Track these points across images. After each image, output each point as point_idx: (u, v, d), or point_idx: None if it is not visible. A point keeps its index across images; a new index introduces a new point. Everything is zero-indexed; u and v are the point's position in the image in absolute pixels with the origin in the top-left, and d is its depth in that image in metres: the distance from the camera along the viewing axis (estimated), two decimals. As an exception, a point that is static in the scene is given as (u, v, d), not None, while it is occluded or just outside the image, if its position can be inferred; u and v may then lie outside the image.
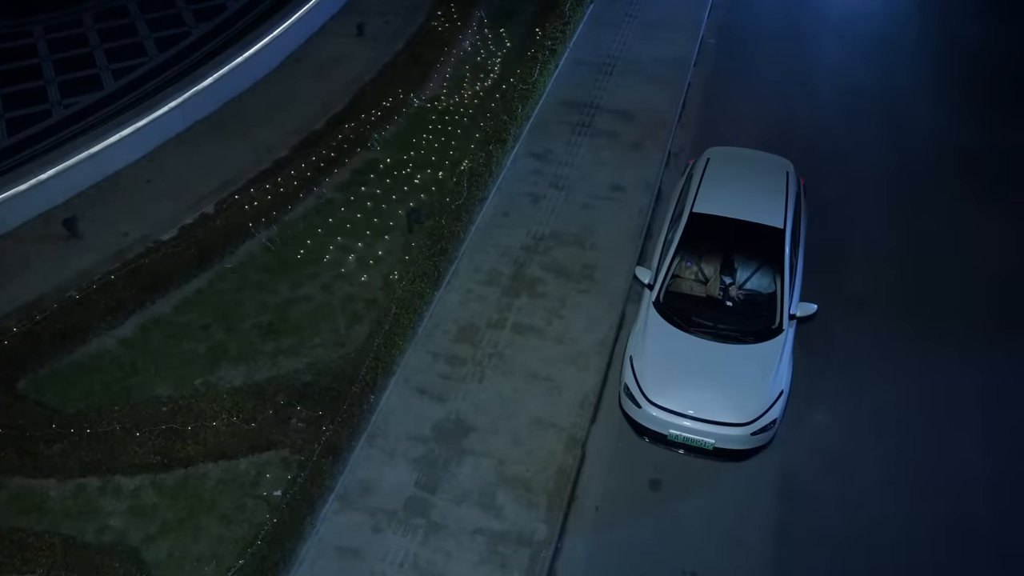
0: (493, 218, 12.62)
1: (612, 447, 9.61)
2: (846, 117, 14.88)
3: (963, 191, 13.19)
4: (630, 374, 9.50)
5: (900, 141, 14.33)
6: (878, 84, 15.83)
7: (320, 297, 11.01)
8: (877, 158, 13.89)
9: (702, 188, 10.83)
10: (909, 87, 15.76)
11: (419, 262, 10.96)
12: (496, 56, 16.02)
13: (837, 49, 16.93)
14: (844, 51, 16.88)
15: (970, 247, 12.19)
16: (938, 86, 15.79)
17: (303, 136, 12.98)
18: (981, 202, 12.96)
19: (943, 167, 13.72)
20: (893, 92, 15.61)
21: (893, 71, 16.24)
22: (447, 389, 10.09)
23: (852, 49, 16.96)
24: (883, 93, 15.54)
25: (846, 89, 15.65)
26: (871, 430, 9.78)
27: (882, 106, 15.19)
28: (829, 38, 17.31)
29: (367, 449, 9.50)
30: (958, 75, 16.11)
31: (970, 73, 16.18)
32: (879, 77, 16.01)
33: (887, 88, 15.69)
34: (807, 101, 15.25)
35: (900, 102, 15.38)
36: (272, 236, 11.78)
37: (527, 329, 10.83)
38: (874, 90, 15.66)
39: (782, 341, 9.55)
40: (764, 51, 16.76)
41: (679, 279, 10.50)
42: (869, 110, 15.10)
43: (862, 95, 15.50)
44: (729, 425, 9.02)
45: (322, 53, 15.58)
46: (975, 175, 13.54)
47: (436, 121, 14.21)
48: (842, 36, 17.41)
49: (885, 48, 16.99)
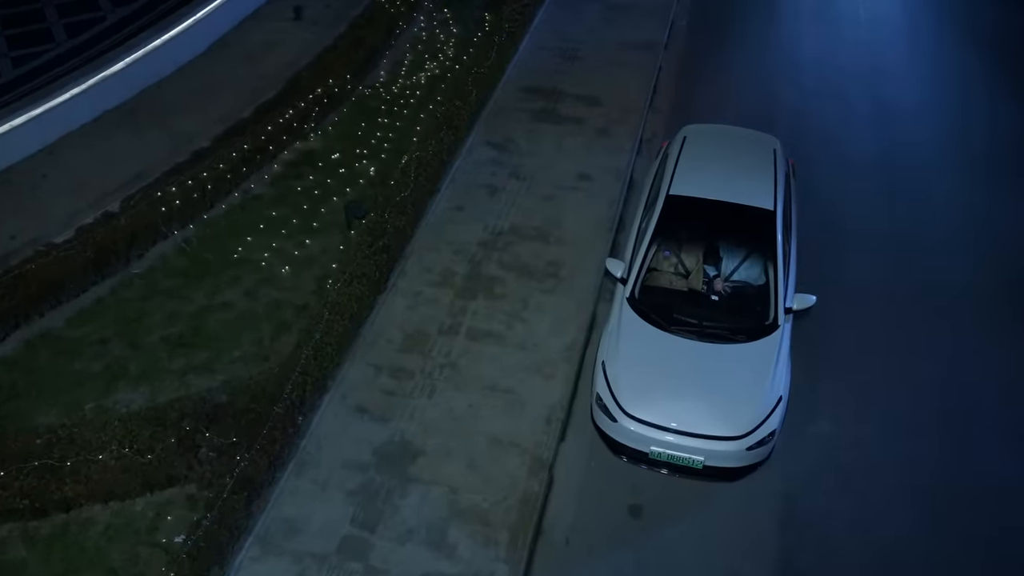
0: (446, 212, 11.25)
1: (584, 469, 8.23)
2: (831, 99, 13.79)
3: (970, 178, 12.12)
4: (603, 382, 8.11)
5: (891, 122, 13.24)
6: (863, 64, 14.78)
7: (242, 304, 9.50)
8: (867, 143, 12.76)
9: (679, 168, 9.53)
10: (896, 69, 14.74)
11: (357, 261, 9.54)
12: (449, 41, 14.68)
13: (817, 28, 15.89)
14: (824, 31, 15.83)
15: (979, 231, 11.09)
16: (932, 54, 14.79)
17: (228, 125, 11.50)
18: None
19: (941, 155, 12.64)
20: (880, 74, 14.56)
21: (879, 52, 15.21)
22: (391, 407, 8.65)
23: (833, 29, 15.92)
24: (869, 75, 14.46)
25: (829, 70, 14.56)
26: (882, 437, 8.50)
27: (868, 87, 14.11)
28: (807, 16, 16.29)
29: (294, 480, 8.02)
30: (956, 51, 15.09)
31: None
32: (864, 59, 14.95)
33: (873, 70, 14.61)
34: (788, 83, 14.15)
35: (886, 80, 14.35)
36: (188, 236, 10.25)
37: (484, 335, 9.45)
38: (859, 71, 14.59)
39: (778, 339, 8.22)
40: (739, 33, 15.71)
41: (656, 272, 9.18)
42: (855, 92, 14.00)
43: (846, 76, 14.42)
44: (720, 439, 7.65)
45: (254, 38, 14.11)
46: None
47: (381, 109, 12.82)
48: (821, 15, 16.39)
49: (869, 27, 15.99)
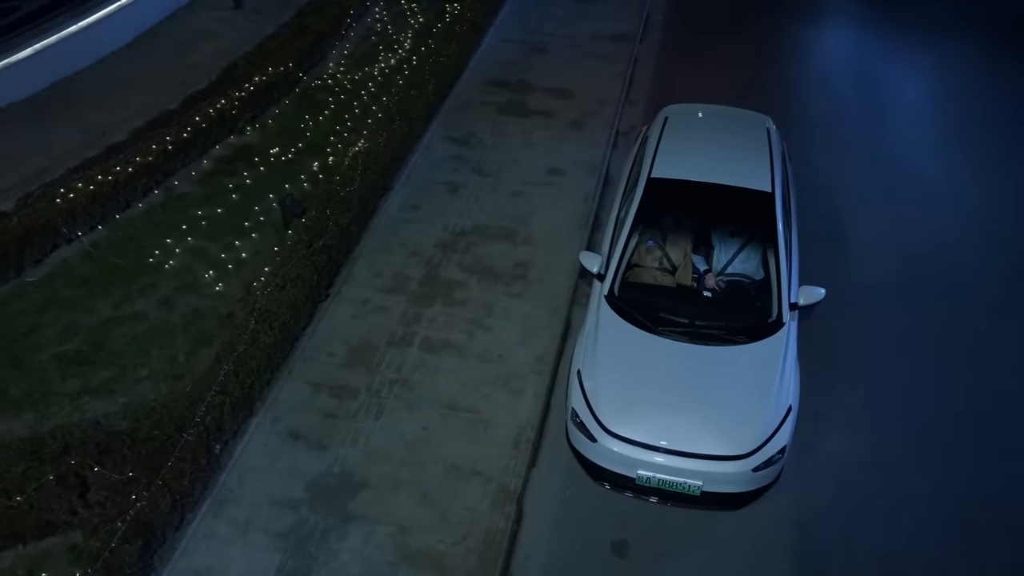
0: (400, 212, 9.97)
1: (559, 499, 6.89)
2: (819, 87, 12.74)
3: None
4: (579, 396, 6.80)
5: (887, 109, 12.19)
6: (846, 48, 13.78)
7: (155, 315, 8.11)
8: (861, 134, 11.66)
9: (661, 150, 8.32)
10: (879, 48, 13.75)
11: (293, 262, 8.21)
12: (406, 32, 13.49)
13: (797, 22, 14.88)
14: (805, 22, 14.87)
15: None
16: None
17: (150, 118, 10.14)
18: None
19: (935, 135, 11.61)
20: (867, 60, 13.55)
21: (865, 43, 14.23)
22: (331, 432, 7.29)
23: (815, 19, 14.96)
24: (857, 64, 13.46)
25: (817, 57, 13.58)
26: (904, 453, 7.25)
27: (860, 77, 13.07)
28: (787, 8, 15.31)
29: (210, 522, 6.61)
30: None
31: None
32: (847, 43, 13.93)
33: (860, 60, 13.62)
34: (772, 74, 13.08)
35: (872, 61, 13.36)
36: (96, 239, 8.86)
37: (442, 346, 8.13)
38: (848, 58, 13.62)
39: (783, 339, 6.96)
40: (717, 25, 14.65)
41: (639, 268, 7.93)
42: (847, 80, 12.99)
43: (836, 65, 13.40)
44: (721, 459, 6.35)
45: (188, 28, 12.83)
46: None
47: (329, 101, 11.54)
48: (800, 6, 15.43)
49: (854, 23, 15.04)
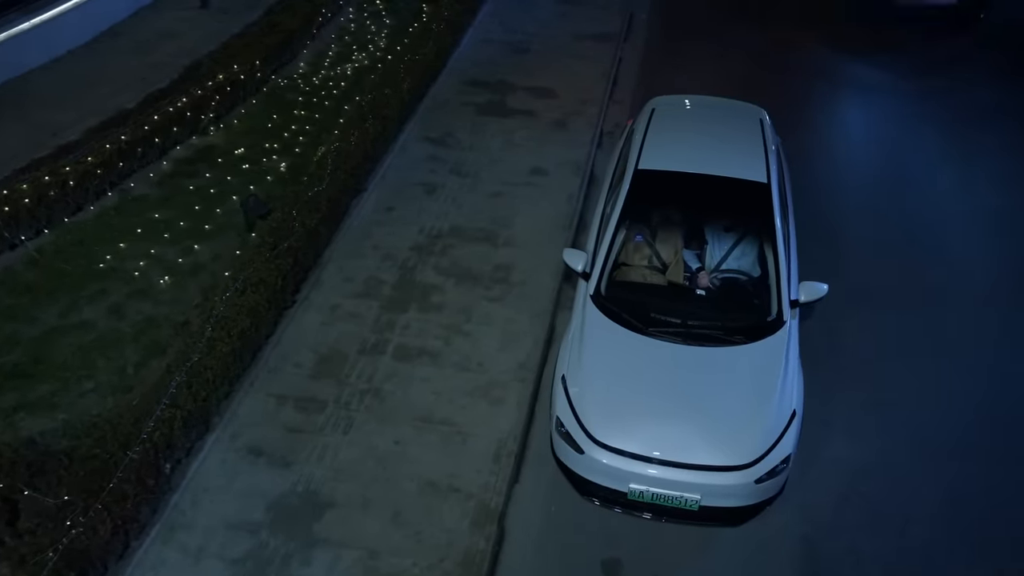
0: (373, 214, 9.41)
1: (544, 517, 6.31)
2: (809, 82, 12.35)
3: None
4: (564, 403, 6.23)
5: (880, 108, 11.81)
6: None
7: (105, 324, 7.47)
8: (855, 130, 11.27)
9: (648, 141, 7.81)
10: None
11: (255, 266, 7.62)
12: (381, 31, 13.00)
13: (781, 20, 14.54)
14: (790, 21, 14.48)
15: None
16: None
17: (105, 117, 9.53)
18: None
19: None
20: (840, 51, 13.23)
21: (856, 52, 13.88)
22: (295, 448, 6.68)
23: (797, 22, 14.56)
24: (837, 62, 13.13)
25: (806, 64, 13.16)
26: (914, 460, 6.73)
27: (851, 75, 12.72)
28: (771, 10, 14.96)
29: (158, 549, 5.97)
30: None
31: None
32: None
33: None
34: (759, 72, 12.65)
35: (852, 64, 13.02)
36: (42, 244, 8.23)
37: (417, 354, 7.55)
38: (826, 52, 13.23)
39: (784, 338, 6.43)
40: (704, 25, 14.28)
41: (627, 267, 7.39)
42: (837, 74, 12.63)
43: (819, 61, 13.02)
44: (720, 470, 5.79)
45: (151, 27, 12.26)
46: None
47: (299, 100, 11.00)
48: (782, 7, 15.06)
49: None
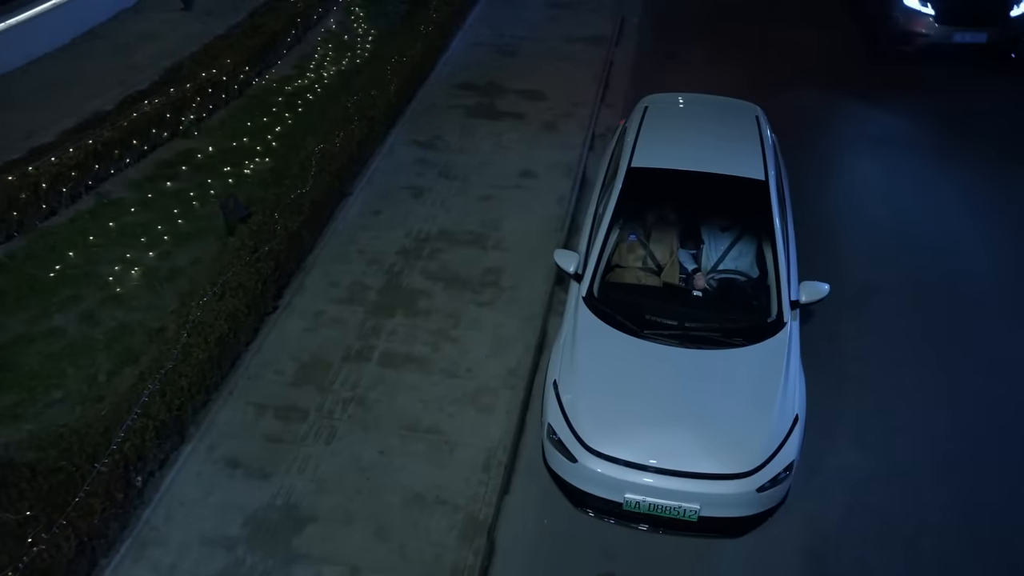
0: (359, 218, 9.14)
1: (536, 529, 6.01)
2: (803, 87, 12.15)
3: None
4: (556, 410, 5.95)
5: (876, 114, 11.63)
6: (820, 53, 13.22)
7: (76, 331, 7.16)
8: (851, 129, 11.08)
9: (641, 139, 7.57)
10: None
11: (234, 269, 7.33)
12: (369, 34, 12.78)
13: (774, 23, 14.38)
14: (780, 24, 14.34)
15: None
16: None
17: (82, 119, 9.24)
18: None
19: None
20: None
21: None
22: (275, 459, 6.37)
23: (790, 24, 14.41)
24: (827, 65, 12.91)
25: (792, 60, 12.97)
26: (924, 467, 6.45)
27: (843, 77, 12.53)
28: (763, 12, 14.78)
29: (128, 567, 5.65)
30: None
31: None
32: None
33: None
34: (751, 76, 12.45)
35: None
36: (12, 249, 7.91)
37: (403, 360, 7.26)
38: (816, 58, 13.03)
39: (785, 340, 6.17)
40: (697, 28, 14.08)
41: (621, 269, 7.13)
42: (827, 71, 12.46)
43: (809, 66, 12.84)
44: (721, 478, 5.52)
45: (132, 29, 11.99)
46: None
47: (283, 103, 10.74)
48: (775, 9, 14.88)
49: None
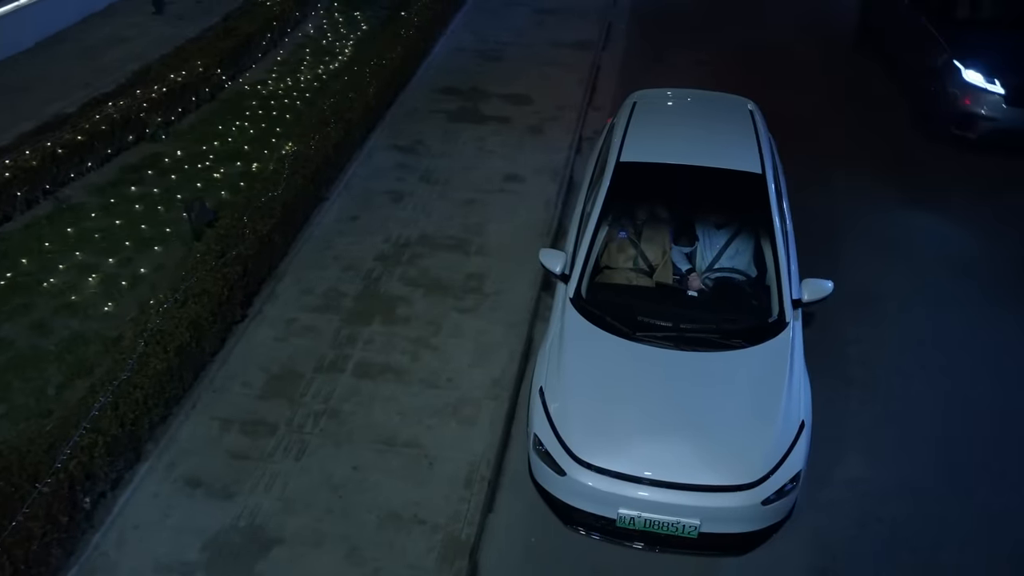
0: (336, 223, 8.72)
1: (523, 549, 5.53)
2: (794, 96, 11.85)
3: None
4: (542, 419, 5.48)
5: (874, 113, 11.34)
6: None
7: (25, 341, 6.67)
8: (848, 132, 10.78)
9: (631, 133, 7.18)
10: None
11: (198, 275, 6.86)
12: (348, 39, 12.43)
13: (756, 34, 14.13)
14: (767, 33, 14.10)
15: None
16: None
17: (41, 122, 8.82)
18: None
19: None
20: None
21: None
22: (240, 476, 5.88)
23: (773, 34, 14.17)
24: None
25: (772, 71, 12.67)
26: (939, 478, 6.02)
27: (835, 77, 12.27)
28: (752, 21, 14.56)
29: (73, 598, 5.16)
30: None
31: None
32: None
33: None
34: (743, 81, 12.14)
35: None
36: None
37: (380, 370, 6.80)
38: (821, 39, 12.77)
39: (788, 341, 5.74)
40: (685, 32, 13.84)
41: (611, 270, 6.70)
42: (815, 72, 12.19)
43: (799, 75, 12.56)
44: (722, 490, 5.05)
45: (99, 32, 11.61)
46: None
47: (257, 107, 10.35)
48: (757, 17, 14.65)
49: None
